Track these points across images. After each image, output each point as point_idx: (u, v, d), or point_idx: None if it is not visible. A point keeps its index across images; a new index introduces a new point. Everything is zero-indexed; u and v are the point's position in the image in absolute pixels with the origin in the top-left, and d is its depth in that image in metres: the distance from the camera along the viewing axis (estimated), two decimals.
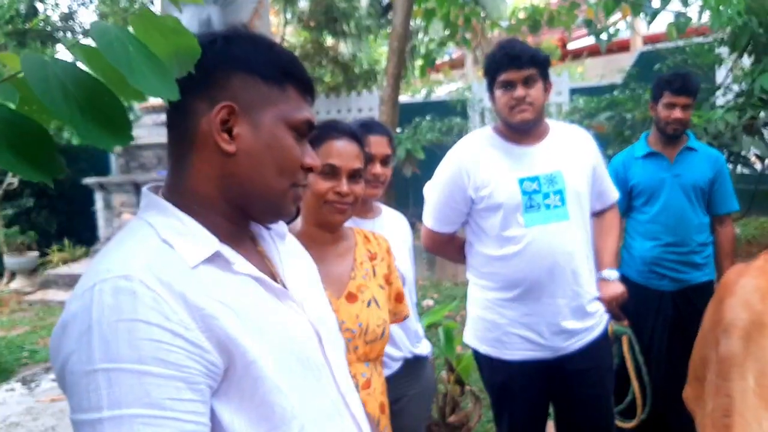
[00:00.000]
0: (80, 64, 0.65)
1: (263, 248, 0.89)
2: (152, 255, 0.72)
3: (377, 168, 1.71)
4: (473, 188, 1.85)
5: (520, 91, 1.79)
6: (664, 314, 2.50)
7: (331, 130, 1.40)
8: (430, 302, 5.23)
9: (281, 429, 0.74)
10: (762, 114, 3.86)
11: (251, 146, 0.78)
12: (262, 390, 0.72)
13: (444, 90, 10.34)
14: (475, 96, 7.63)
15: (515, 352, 1.88)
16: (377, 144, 1.71)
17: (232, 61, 0.78)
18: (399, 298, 1.56)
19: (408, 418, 1.74)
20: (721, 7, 3.52)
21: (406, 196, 7.04)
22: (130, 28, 0.66)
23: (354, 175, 1.38)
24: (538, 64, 1.80)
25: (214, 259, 0.75)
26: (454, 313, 4.69)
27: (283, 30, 9.89)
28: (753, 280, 1.39)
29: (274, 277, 0.85)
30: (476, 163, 1.86)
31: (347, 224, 1.47)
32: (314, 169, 0.84)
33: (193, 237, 0.75)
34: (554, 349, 1.86)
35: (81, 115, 0.61)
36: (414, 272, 1.91)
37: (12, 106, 0.64)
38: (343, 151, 1.37)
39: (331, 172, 1.36)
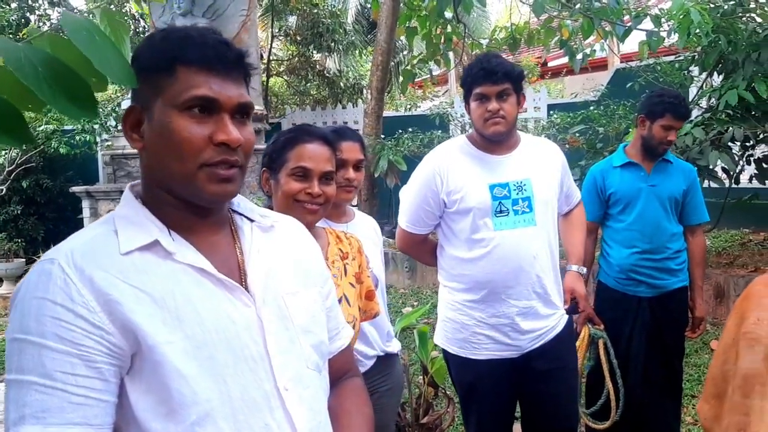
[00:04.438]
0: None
1: (240, 240, 0.91)
2: (87, 242, 0.81)
3: (350, 173, 1.76)
4: (446, 192, 1.93)
5: (494, 105, 1.86)
6: (642, 319, 2.56)
7: (303, 133, 1.45)
8: (410, 309, 5.29)
9: (179, 414, 0.77)
10: (729, 129, 3.97)
11: (149, 139, 0.83)
12: (162, 374, 0.77)
13: (427, 105, 10.50)
14: (456, 111, 7.79)
15: (483, 351, 1.95)
16: (350, 150, 1.76)
17: (136, 65, 0.82)
18: (369, 295, 1.62)
19: (379, 413, 1.79)
20: (690, 28, 3.65)
21: (389, 206, 7.14)
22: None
23: (325, 177, 1.43)
24: (512, 79, 1.88)
25: (153, 247, 0.81)
26: (433, 321, 4.76)
27: (270, 44, 10.01)
28: None
29: (239, 268, 0.88)
30: (450, 169, 1.94)
31: (319, 224, 1.53)
32: (228, 143, 0.81)
33: (138, 226, 0.83)
34: (520, 349, 1.94)
35: (49, 89, 0.72)
36: (384, 273, 1.99)
37: None
38: (314, 154, 1.41)
39: (303, 174, 1.40)
